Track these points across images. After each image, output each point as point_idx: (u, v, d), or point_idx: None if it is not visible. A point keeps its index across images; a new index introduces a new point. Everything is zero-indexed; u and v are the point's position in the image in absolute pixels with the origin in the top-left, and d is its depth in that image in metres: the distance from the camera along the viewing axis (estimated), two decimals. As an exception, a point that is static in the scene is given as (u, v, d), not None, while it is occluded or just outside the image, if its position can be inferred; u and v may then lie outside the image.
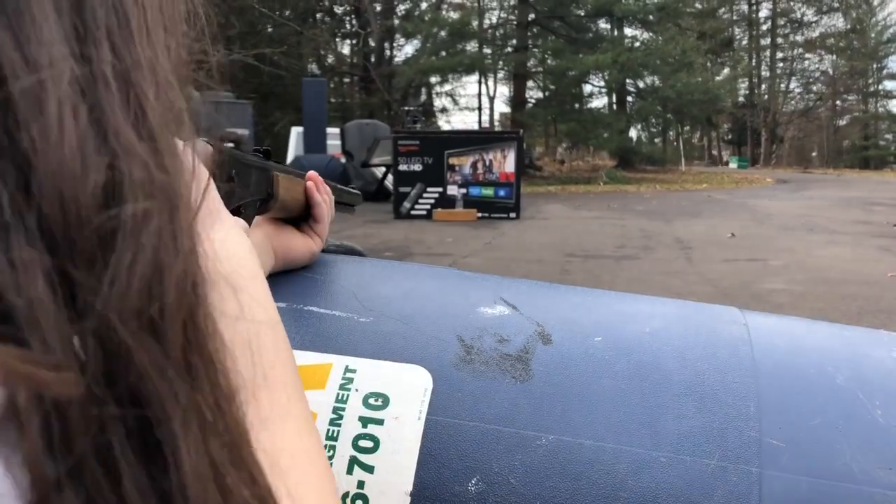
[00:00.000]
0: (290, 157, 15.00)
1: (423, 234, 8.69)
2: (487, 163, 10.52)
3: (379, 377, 0.58)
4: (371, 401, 0.57)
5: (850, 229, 9.09)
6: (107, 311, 0.20)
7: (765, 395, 0.58)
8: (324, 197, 0.75)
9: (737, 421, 0.56)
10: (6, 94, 0.20)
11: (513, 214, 10.46)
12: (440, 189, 10.52)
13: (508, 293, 0.68)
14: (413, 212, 10.54)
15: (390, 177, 11.49)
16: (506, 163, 10.53)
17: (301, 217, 0.74)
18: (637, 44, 26.96)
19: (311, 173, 0.74)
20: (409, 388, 0.58)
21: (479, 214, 10.39)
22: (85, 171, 0.20)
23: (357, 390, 0.58)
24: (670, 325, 0.65)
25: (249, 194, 0.63)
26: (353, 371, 0.59)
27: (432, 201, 10.52)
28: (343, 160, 13.35)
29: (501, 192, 10.52)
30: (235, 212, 0.61)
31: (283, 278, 0.69)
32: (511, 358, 0.60)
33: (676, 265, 6.38)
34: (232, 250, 0.35)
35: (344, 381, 0.58)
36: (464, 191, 10.50)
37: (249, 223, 0.63)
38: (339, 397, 0.57)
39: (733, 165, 41.15)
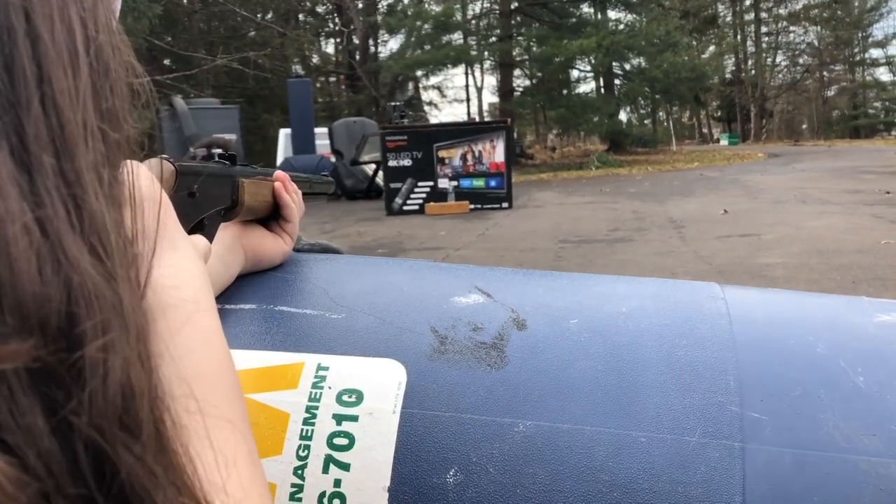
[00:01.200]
0: (279, 159, 14.99)
1: (416, 229, 8.68)
2: (477, 154, 10.51)
3: (352, 373, 0.57)
4: (345, 397, 0.56)
5: (843, 199, 9.10)
6: (90, 425, 0.22)
7: (744, 369, 0.57)
8: (292, 196, 0.73)
9: (717, 396, 0.55)
10: None
11: (505, 204, 10.46)
12: (431, 183, 10.51)
13: (483, 281, 0.67)
14: (405, 207, 10.52)
15: (381, 173, 11.47)
16: (495, 153, 10.51)
17: (270, 216, 0.73)
18: (621, 26, 26.91)
19: (279, 173, 0.73)
20: (382, 383, 0.57)
21: (472, 206, 10.38)
22: (47, 301, 0.22)
23: (330, 388, 0.57)
24: (647, 303, 0.64)
25: (212, 205, 0.62)
26: (326, 369, 0.58)
27: (424, 195, 10.51)
28: (333, 159, 13.32)
29: (492, 183, 10.51)
30: (199, 225, 0.60)
31: (253, 279, 0.68)
32: (485, 346, 0.59)
33: (670, 245, 6.38)
34: (181, 289, 0.36)
35: (316, 380, 0.57)
36: (455, 183, 10.49)
37: (213, 234, 0.62)
38: (312, 396, 0.56)
39: (724, 142, 41.17)
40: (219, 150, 0.66)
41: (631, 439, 0.53)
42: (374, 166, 12.49)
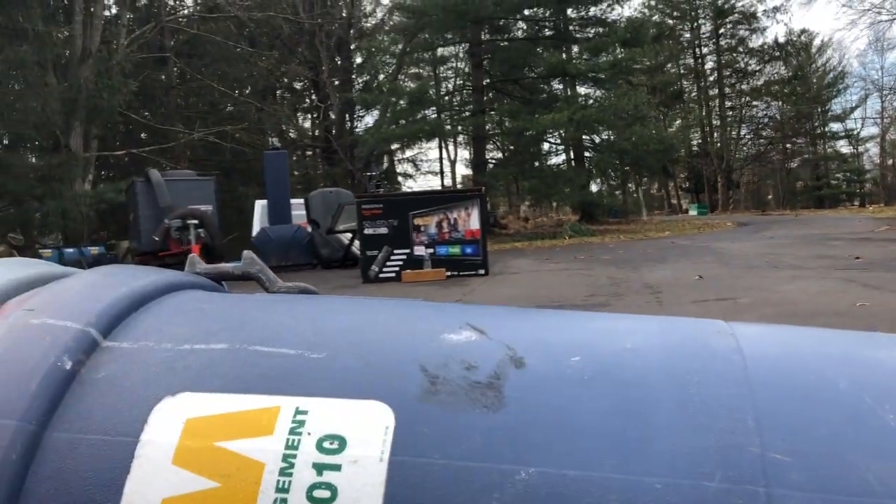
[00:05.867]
0: (255, 229, 14.97)
1: (393, 296, 8.61)
2: (452, 221, 10.56)
3: (334, 417, 0.52)
4: (326, 444, 0.50)
5: (814, 264, 9.22)
6: None
7: (763, 407, 0.52)
8: None
9: (735, 436, 0.50)
10: None
11: (481, 271, 10.46)
12: (407, 250, 10.50)
13: (474, 318, 0.63)
14: (381, 275, 10.48)
15: (357, 242, 11.46)
16: (470, 220, 10.57)
17: None
18: (591, 101, 27.65)
19: None
20: (368, 427, 0.51)
21: (448, 273, 10.36)
22: None
23: (310, 433, 0.51)
24: (653, 340, 0.60)
25: None
26: (305, 412, 0.52)
27: (400, 263, 10.49)
28: (309, 229, 13.31)
29: (468, 250, 10.53)
30: None
31: (223, 315, 0.63)
32: (481, 385, 0.54)
33: (648, 309, 6.36)
34: None
35: (294, 425, 0.51)
36: (431, 251, 10.49)
37: None
38: (290, 443, 0.50)
39: (693, 213, 41.97)
40: (194, 221, 0.61)
41: (645, 486, 0.48)
42: (349, 235, 12.49)
